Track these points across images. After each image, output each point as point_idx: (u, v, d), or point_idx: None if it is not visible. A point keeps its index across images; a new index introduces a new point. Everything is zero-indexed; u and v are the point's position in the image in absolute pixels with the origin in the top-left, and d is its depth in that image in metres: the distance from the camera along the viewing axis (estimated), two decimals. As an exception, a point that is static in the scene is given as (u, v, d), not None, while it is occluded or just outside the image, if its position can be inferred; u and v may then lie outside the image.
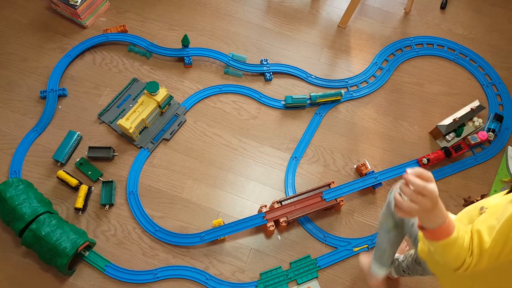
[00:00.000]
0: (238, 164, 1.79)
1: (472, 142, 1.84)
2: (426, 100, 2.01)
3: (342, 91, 1.94)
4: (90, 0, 1.98)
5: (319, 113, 1.92)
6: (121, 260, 1.58)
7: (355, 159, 1.84)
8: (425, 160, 1.78)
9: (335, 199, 1.65)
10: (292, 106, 1.91)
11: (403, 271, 1.40)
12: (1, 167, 1.71)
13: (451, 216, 0.86)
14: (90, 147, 1.73)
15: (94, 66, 1.95)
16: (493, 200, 0.91)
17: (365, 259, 1.40)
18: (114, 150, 1.75)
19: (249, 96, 1.94)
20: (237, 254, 1.63)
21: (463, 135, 1.90)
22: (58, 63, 1.91)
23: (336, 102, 1.95)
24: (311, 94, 1.90)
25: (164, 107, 1.82)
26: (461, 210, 1.03)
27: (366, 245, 1.66)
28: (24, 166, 1.71)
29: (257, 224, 1.60)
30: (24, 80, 1.89)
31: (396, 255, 1.56)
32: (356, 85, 2.01)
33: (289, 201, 1.64)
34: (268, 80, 1.98)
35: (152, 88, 1.72)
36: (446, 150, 1.81)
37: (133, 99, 1.87)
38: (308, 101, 1.91)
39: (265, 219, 1.60)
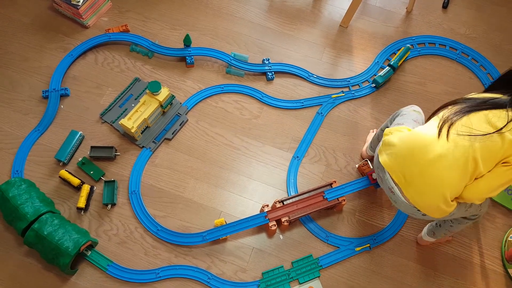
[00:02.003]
0: (240, 164, 1.79)
1: None
2: (428, 100, 2.01)
3: (408, 45, 2.05)
4: (92, 0, 1.98)
5: (321, 113, 1.92)
6: (123, 260, 1.58)
7: (357, 158, 1.84)
8: (374, 175, 1.67)
9: (337, 198, 1.65)
10: (383, 84, 1.99)
11: None
12: (4, 167, 1.71)
13: None
14: (92, 147, 1.73)
15: (96, 66, 1.96)
16: None
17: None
18: (116, 150, 1.76)
19: (251, 96, 1.94)
20: (239, 254, 1.63)
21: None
22: (60, 63, 1.91)
23: (408, 57, 2.07)
24: (390, 63, 2.00)
25: (166, 107, 1.82)
26: None
27: (368, 245, 1.66)
28: (26, 166, 1.71)
29: (259, 224, 1.60)
30: (26, 80, 1.89)
31: None
32: (358, 84, 2.01)
33: (291, 200, 1.64)
34: (270, 80, 1.98)
35: (154, 87, 1.72)
36: None
37: (135, 99, 1.87)
38: (392, 71, 2.00)
39: (267, 218, 1.60)
